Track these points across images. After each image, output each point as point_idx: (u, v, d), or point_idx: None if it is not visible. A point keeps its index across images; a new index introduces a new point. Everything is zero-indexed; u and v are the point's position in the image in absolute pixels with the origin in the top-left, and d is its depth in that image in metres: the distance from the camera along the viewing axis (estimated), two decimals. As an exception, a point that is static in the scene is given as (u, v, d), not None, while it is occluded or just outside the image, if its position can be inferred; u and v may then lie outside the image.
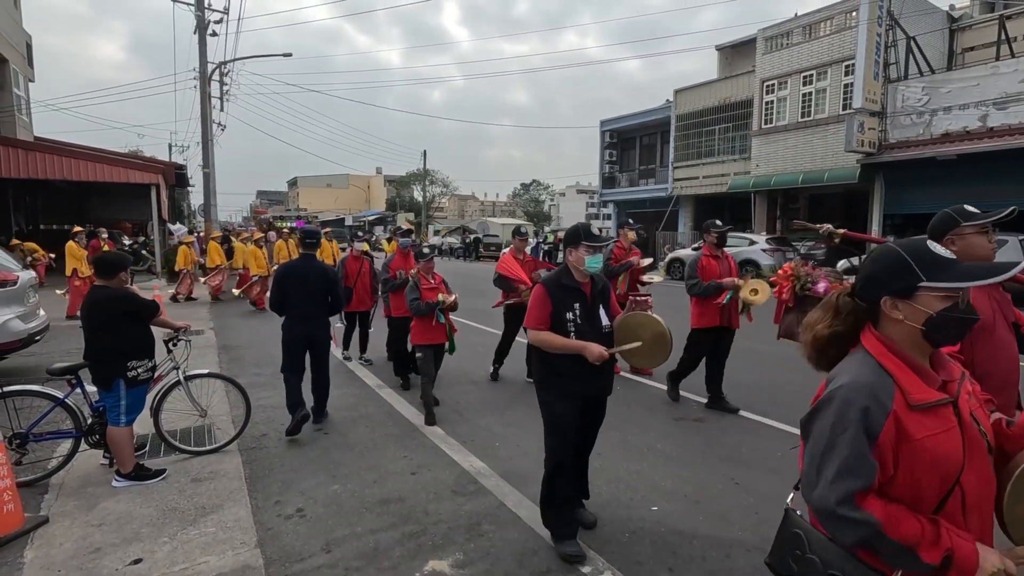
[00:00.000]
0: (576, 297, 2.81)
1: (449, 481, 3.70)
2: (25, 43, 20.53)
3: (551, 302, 2.78)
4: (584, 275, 2.84)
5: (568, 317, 2.76)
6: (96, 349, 3.50)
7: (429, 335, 5.02)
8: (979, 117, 14.37)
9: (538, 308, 2.80)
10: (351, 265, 6.86)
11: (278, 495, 3.52)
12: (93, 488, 3.57)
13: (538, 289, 2.85)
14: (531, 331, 2.84)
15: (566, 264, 2.87)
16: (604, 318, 2.86)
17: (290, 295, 4.59)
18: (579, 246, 2.78)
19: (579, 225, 2.86)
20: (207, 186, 16.77)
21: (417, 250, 5.38)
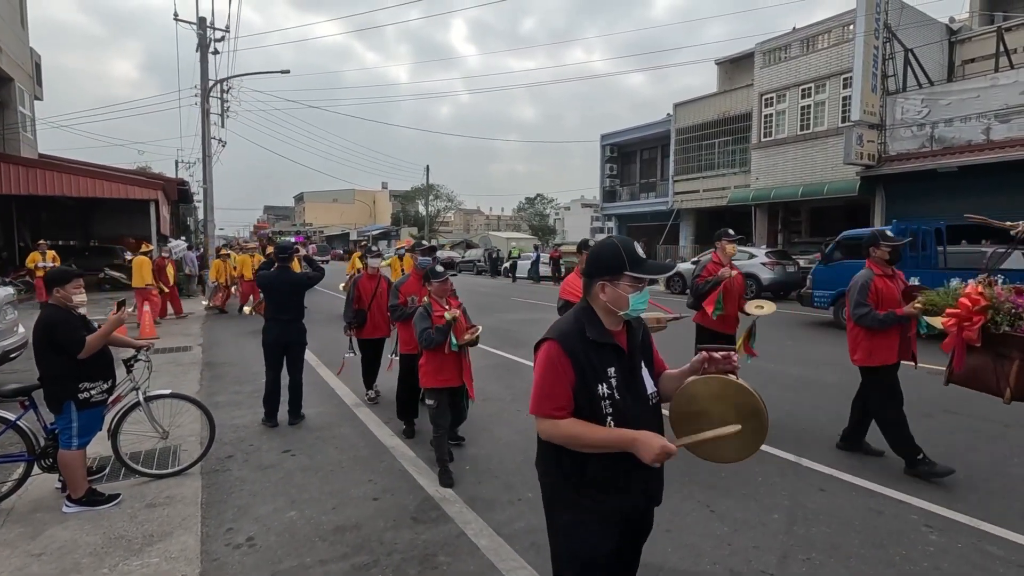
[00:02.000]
0: (610, 357, 1.76)
1: (411, 507, 3.56)
2: (33, 62, 20.88)
3: (573, 370, 1.71)
4: (619, 320, 1.80)
5: (602, 391, 1.72)
6: (44, 369, 3.40)
7: (443, 376, 3.99)
8: (982, 130, 14.21)
9: (552, 383, 1.72)
10: (365, 285, 5.95)
11: (231, 522, 3.39)
12: (42, 514, 3.45)
13: (550, 350, 1.75)
14: (544, 423, 1.74)
15: (587, 304, 1.81)
16: (649, 382, 1.85)
17: (269, 303, 5.29)
18: (620, 277, 1.73)
19: (616, 242, 1.78)
20: (206, 202, 16.84)
21: (428, 268, 4.21)
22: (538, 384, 1.75)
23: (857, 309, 4.04)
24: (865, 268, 4.16)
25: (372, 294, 5.91)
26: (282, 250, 5.39)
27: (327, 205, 78.59)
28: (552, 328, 1.83)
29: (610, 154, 28.80)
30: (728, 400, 1.80)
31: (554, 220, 76.45)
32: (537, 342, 1.80)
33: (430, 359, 4.03)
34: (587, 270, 1.83)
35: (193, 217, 39.87)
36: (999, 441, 4.64)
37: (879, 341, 4.05)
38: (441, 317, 3.98)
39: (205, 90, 16.55)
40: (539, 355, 1.78)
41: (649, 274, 1.75)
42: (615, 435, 1.70)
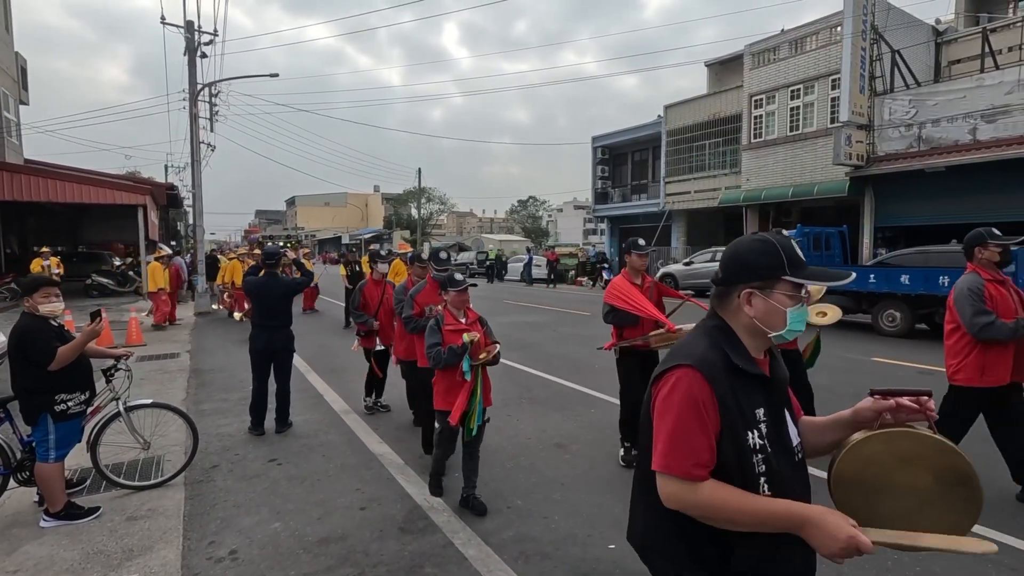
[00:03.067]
0: (758, 394, 1.31)
1: (398, 517, 3.49)
2: (19, 67, 20.65)
3: (719, 411, 1.25)
4: (765, 344, 1.36)
5: (752, 441, 1.26)
6: (19, 380, 3.32)
7: (452, 397, 3.51)
8: (968, 130, 14.33)
9: (692, 429, 1.24)
10: (371, 292, 5.70)
11: (214, 535, 3.31)
12: (19, 529, 3.37)
13: (688, 382, 1.26)
14: (674, 484, 1.25)
15: (723, 323, 1.36)
16: (793, 429, 1.38)
17: (257, 310, 5.20)
18: (776, 284, 1.29)
19: (770, 239, 1.33)
20: (195, 207, 16.68)
21: (447, 276, 3.76)
22: (670, 429, 1.24)
23: (978, 318, 3.30)
24: (969, 272, 3.53)
25: (379, 301, 5.66)
26: (269, 255, 5.29)
27: (319, 209, 78.23)
28: (679, 351, 1.33)
29: (602, 156, 28.82)
30: (923, 464, 1.27)
31: (547, 222, 76.49)
32: (662, 369, 1.32)
33: (442, 378, 3.61)
34: (725, 274, 1.37)
35: (183, 222, 39.55)
36: (991, 442, 4.63)
37: (995, 357, 3.36)
38: (455, 333, 3.53)
39: (193, 94, 16.38)
40: (669, 387, 1.27)
41: (818, 280, 1.30)
42: (780, 510, 1.19)
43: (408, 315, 4.50)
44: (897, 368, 4.84)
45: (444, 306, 3.71)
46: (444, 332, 3.54)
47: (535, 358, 8.29)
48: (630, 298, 4.11)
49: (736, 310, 1.34)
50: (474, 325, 3.66)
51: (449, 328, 3.56)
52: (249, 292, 5.31)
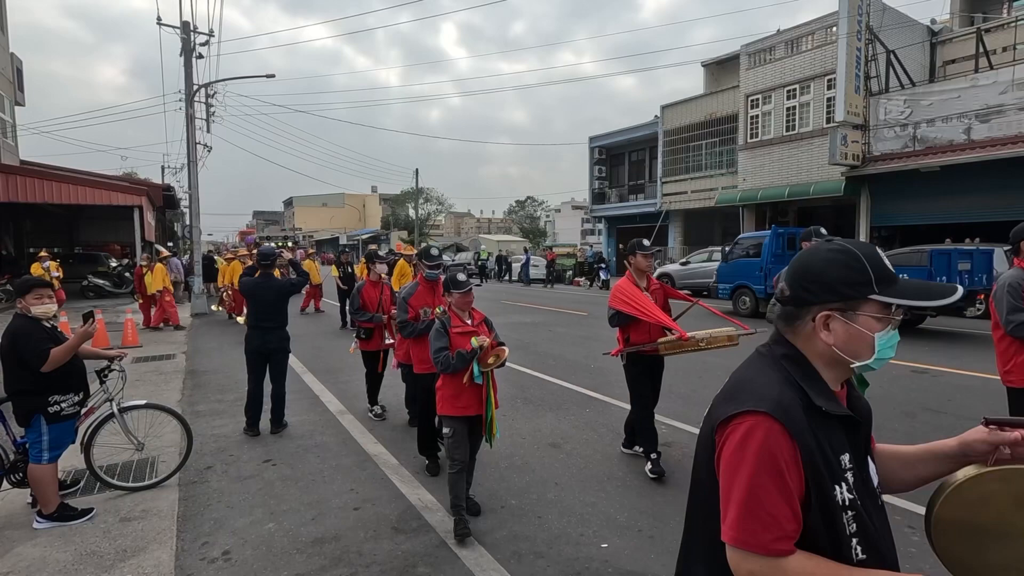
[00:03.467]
0: (842, 437, 1.08)
1: (392, 517, 3.50)
2: (15, 68, 20.59)
3: (801, 467, 1.02)
4: (845, 375, 1.15)
5: (841, 497, 1.04)
6: (12, 382, 3.32)
7: (463, 402, 3.39)
8: (963, 129, 14.39)
9: (773, 495, 0.99)
10: (369, 293, 5.59)
11: (207, 535, 3.32)
12: (12, 531, 3.36)
13: (765, 435, 1.01)
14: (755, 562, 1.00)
15: (794, 351, 1.13)
16: (873, 469, 1.17)
17: (252, 310, 5.19)
18: (862, 304, 1.07)
19: (852, 248, 1.10)
20: (191, 208, 16.66)
21: (449, 276, 3.57)
22: (744, 494, 0.99)
23: (1013, 315, 3.18)
24: (1014, 268, 3.41)
25: (377, 303, 5.58)
26: (264, 256, 5.29)
27: (317, 209, 78.19)
28: (746, 388, 1.08)
29: (599, 156, 28.87)
30: None
31: (545, 222, 76.52)
32: (729, 412, 1.05)
33: (448, 383, 3.42)
34: (796, 292, 1.11)
35: (180, 223, 39.50)
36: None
37: None
38: (463, 336, 3.39)
39: (189, 95, 16.36)
40: (739, 438, 1.01)
41: (918, 300, 1.07)
42: None
43: (403, 319, 4.36)
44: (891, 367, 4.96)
45: (448, 307, 3.55)
46: (451, 335, 3.39)
47: (531, 358, 8.30)
48: (636, 302, 3.98)
49: (810, 336, 1.10)
50: (480, 327, 3.53)
51: (456, 331, 3.42)
52: (245, 292, 5.31)
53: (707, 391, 5.96)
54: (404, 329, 4.36)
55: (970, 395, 6.02)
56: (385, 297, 5.68)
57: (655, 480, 4.00)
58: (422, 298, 4.42)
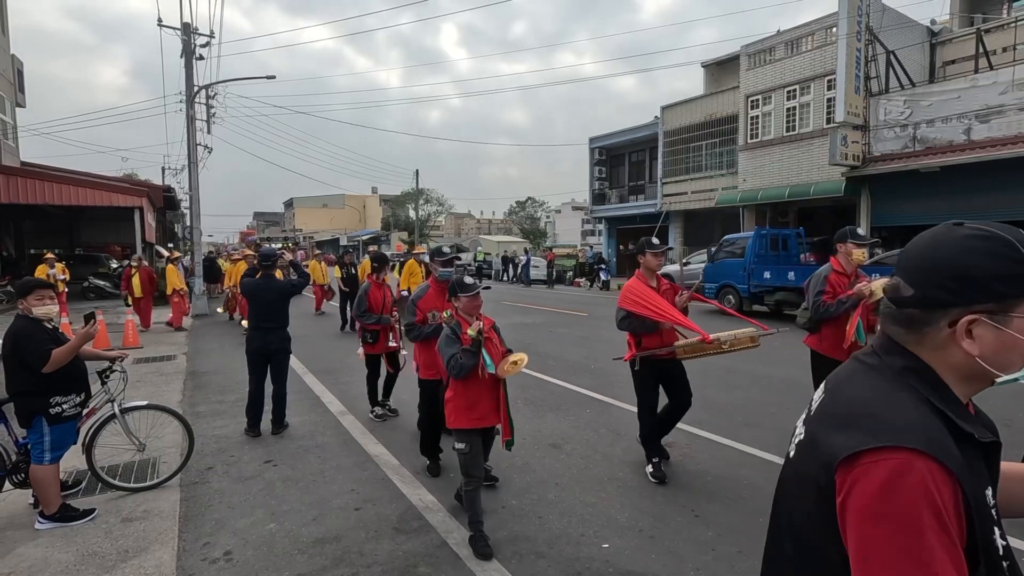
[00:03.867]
0: (984, 468, 0.85)
1: (393, 517, 3.51)
2: (15, 70, 20.61)
3: (963, 511, 0.77)
4: (974, 392, 0.92)
5: (1000, 542, 0.81)
6: (14, 383, 3.33)
7: (477, 413, 3.23)
8: (963, 130, 14.39)
9: (933, 552, 0.73)
10: (375, 295, 5.55)
11: (209, 536, 3.32)
12: (13, 531, 3.37)
13: (920, 480, 0.75)
14: None
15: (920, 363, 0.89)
16: None
17: (253, 311, 5.20)
18: (1018, 305, 0.82)
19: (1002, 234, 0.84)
20: (192, 209, 16.68)
21: (455, 280, 3.41)
22: (899, 561, 0.75)
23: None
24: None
25: (380, 305, 5.53)
26: (266, 257, 5.34)
27: (317, 210, 78.22)
28: (879, 418, 0.84)
29: (599, 157, 28.88)
30: None
31: (545, 223, 76.50)
32: (857, 449, 0.80)
33: (459, 392, 3.20)
34: (925, 290, 0.88)
35: (180, 224, 39.51)
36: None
37: None
38: None
39: (190, 96, 16.38)
40: (883, 484, 0.77)
41: None
42: None
43: (410, 322, 4.19)
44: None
45: (455, 312, 3.36)
46: (462, 339, 3.21)
47: (531, 358, 8.25)
48: (649, 302, 3.77)
49: (945, 344, 0.87)
50: (490, 333, 3.35)
51: None
52: (246, 293, 5.33)
53: (710, 390, 5.95)
54: (410, 332, 4.20)
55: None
56: (388, 299, 5.64)
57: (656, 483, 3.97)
58: (431, 301, 4.23)
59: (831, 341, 3.79)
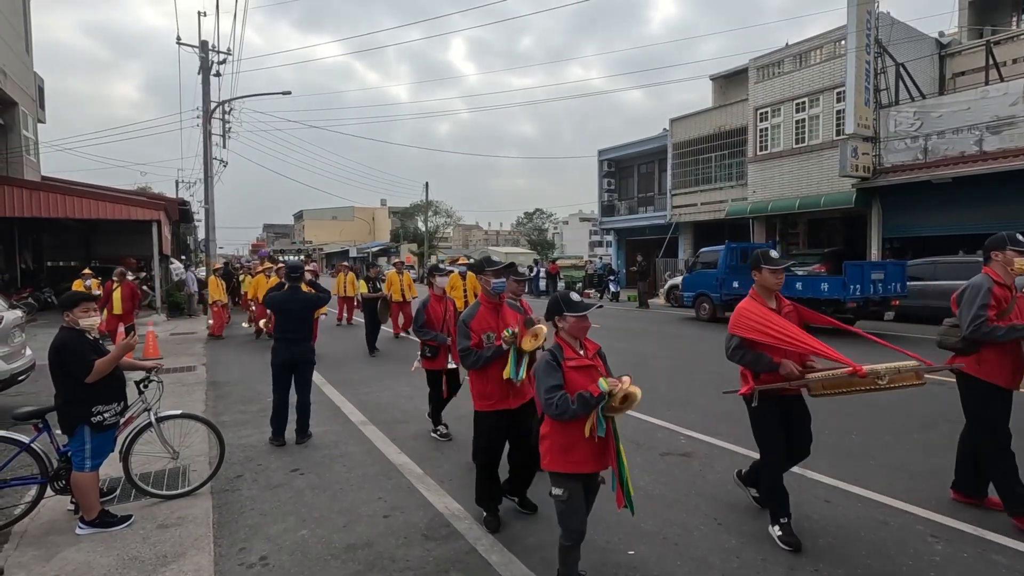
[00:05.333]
0: None
1: (421, 525, 3.58)
2: (36, 86, 21.14)
3: None
4: None
5: None
6: (61, 393, 3.45)
7: (578, 456, 2.65)
8: (974, 141, 14.42)
9: None
10: (434, 309, 5.30)
11: (244, 541, 3.41)
12: (55, 536, 3.48)
13: None
14: None
15: None
16: None
17: (278, 323, 5.29)
18: None
19: None
20: (207, 222, 16.97)
21: (560, 296, 2.80)
22: None
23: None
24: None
25: (441, 319, 5.26)
26: (292, 269, 5.47)
27: (326, 222, 78.94)
28: None
29: (608, 169, 29.06)
30: None
31: (553, 234, 76.71)
32: None
33: (558, 430, 2.66)
34: None
35: (193, 236, 40.01)
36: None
37: None
38: (581, 372, 2.65)
39: (207, 112, 16.76)
40: None
41: None
42: None
43: (464, 347, 3.56)
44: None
45: (557, 336, 2.80)
46: (566, 369, 2.64)
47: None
48: (774, 328, 3.13)
49: None
50: (595, 360, 2.78)
51: (571, 364, 2.67)
52: (272, 306, 5.41)
53: (727, 400, 5.99)
54: (466, 358, 3.56)
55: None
56: (449, 314, 5.35)
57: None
58: (485, 320, 3.64)
59: (994, 365, 3.38)
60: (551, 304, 2.81)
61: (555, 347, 2.74)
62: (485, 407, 3.61)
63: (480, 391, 3.62)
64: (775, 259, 3.34)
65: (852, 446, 4.92)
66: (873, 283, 11.48)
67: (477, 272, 3.88)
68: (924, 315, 11.97)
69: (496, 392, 3.53)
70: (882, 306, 11.93)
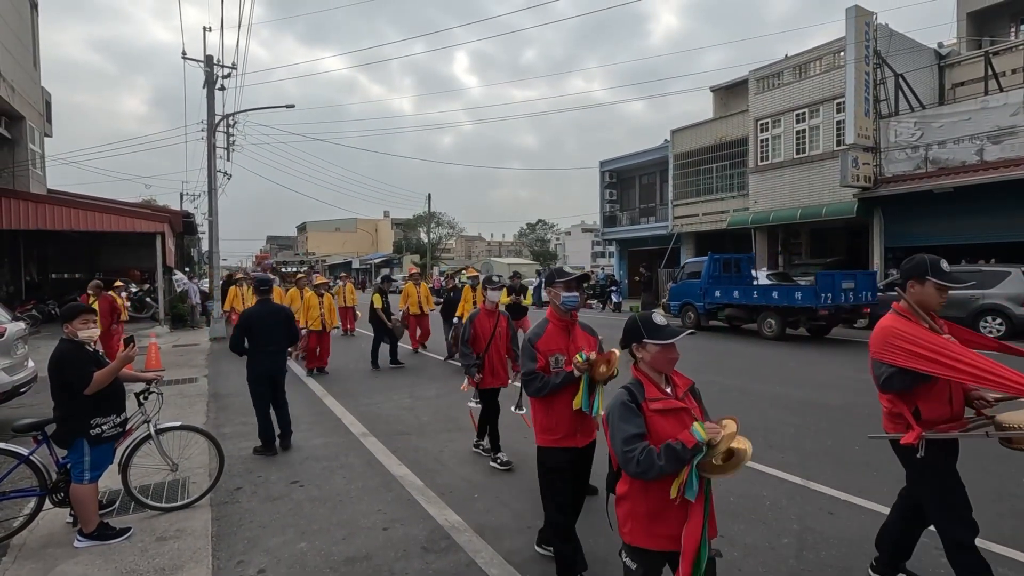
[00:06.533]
0: None
1: (421, 537, 3.56)
2: (44, 101, 21.42)
3: None
4: None
5: None
6: (59, 405, 3.46)
7: (663, 530, 2.06)
8: (975, 151, 14.45)
9: None
10: (482, 324, 4.92)
11: (242, 554, 3.39)
12: (54, 549, 3.46)
13: None
14: None
15: None
16: None
17: (255, 337, 5.29)
18: None
19: None
20: (211, 234, 17.06)
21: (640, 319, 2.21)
22: None
23: None
24: None
25: (491, 334, 4.90)
26: (261, 283, 5.67)
27: (329, 234, 79.27)
28: None
29: (609, 180, 29.16)
30: None
31: (555, 245, 76.86)
32: None
33: (639, 493, 2.07)
34: None
35: (197, 248, 40.23)
36: (1005, 462, 4.64)
37: None
38: (669, 417, 2.04)
39: (211, 126, 16.90)
40: None
41: None
42: None
43: (529, 370, 3.02)
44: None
45: (636, 368, 2.18)
46: (648, 413, 2.04)
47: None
48: (941, 352, 2.38)
49: None
50: (687, 400, 2.16)
51: (656, 407, 2.05)
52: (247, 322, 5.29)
53: (727, 412, 5.97)
54: (530, 384, 3.02)
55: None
56: (501, 328, 4.93)
57: None
58: (553, 340, 3.10)
59: None
60: (629, 329, 2.21)
61: (633, 383, 2.13)
62: (548, 442, 3.07)
63: (544, 423, 3.07)
64: (948, 273, 2.57)
65: (854, 457, 4.88)
66: (844, 292, 11.99)
67: (548, 284, 3.19)
68: (928, 325, 11.94)
69: (563, 426, 3.02)
70: (853, 314, 12.53)
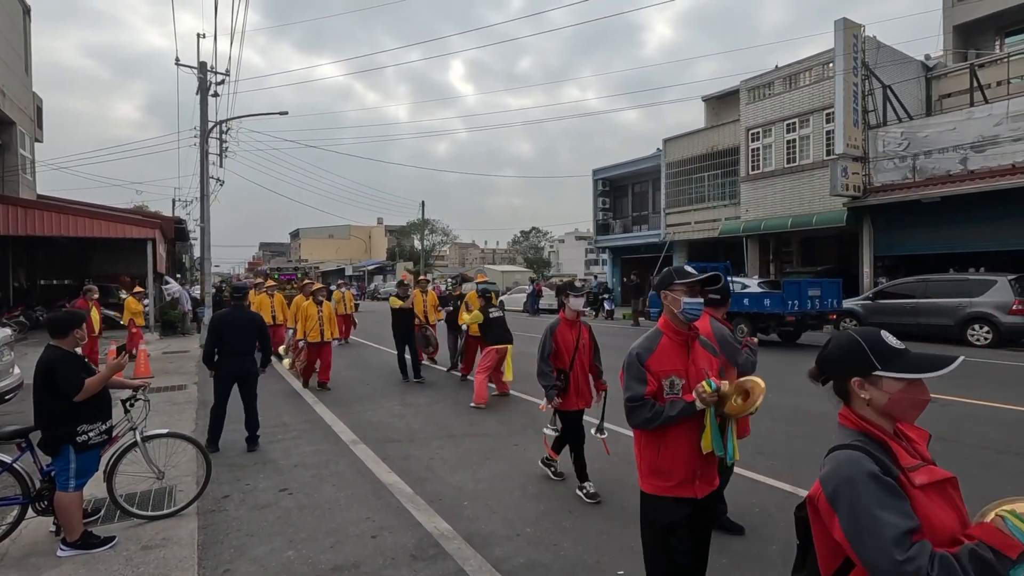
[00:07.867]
0: None
1: (410, 545, 3.54)
2: (35, 106, 21.31)
3: None
4: None
5: None
6: (43, 411, 3.42)
7: None
8: (959, 160, 14.67)
9: None
10: (564, 336, 4.33)
11: (228, 563, 3.36)
12: (36, 558, 3.41)
13: None
14: None
15: None
16: None
17: (226, 339, 5.60)
18: None
19: None
20: (203, 241, 16.98)
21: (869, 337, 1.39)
22: None
23: None
24: None
25: (574, 347, 4.29)
26: (237, 289, 6.02)
27: (323, 241, 79.05)
28: None
29: (602, 188, 29.33)
30: None
31: (549, 253, 77.03)
32: None
33: None
34: None
35: (189, 255, 40.01)
36: (992, 469, 4.68)
37: None
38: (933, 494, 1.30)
39: (204, 132, 16.87)
40: None
41: None
42: None
43: (638, 395, 2.28)
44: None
45: (853, 414, 1.41)
46: (911, 492, 1.28)
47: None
48: None
49: None
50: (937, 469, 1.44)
51: (921, 481, 1.32)
52: (219, 325, 5.67)
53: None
54: (637, 414, 2.27)
55: (979, 423, 6.03)
56: (584, 341, 4.32)
57: None
58: (668, 359, 2.34)
59: None
60: (845, 352, 1.43)
61: (865, 441, 1.36)
62: (659, 489, 2.29)
63: (654, 464, 2.31)
64: None
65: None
66: (811, 299, 12.45)
67: (664, 287, 2.43)
68: (916, 333, 12.01)
69: (680, 469, 2.26)
70: (820, 320, 12.95)
